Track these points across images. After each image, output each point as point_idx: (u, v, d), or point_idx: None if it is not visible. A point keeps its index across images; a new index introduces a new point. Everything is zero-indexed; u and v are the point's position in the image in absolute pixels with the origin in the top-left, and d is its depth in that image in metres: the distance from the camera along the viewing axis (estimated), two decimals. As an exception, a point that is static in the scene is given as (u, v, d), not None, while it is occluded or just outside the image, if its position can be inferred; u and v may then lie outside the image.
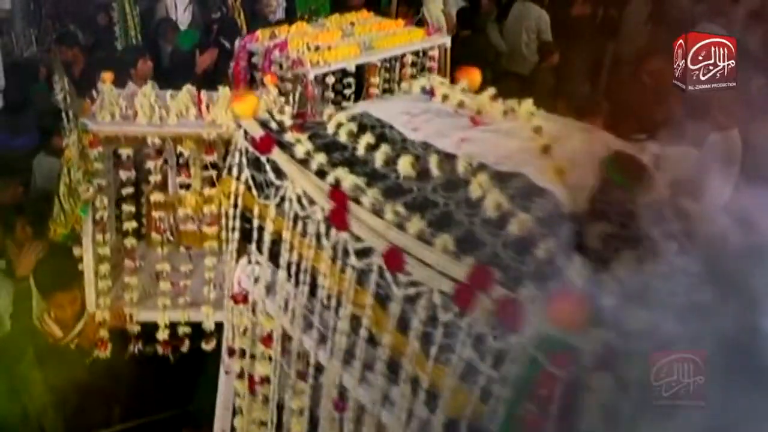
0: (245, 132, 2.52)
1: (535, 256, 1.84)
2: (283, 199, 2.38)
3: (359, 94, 5.60)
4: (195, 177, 4.21)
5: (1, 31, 7.94)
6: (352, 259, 2.10)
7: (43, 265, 4.17)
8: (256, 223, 2.55)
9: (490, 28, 7.82)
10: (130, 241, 3.97)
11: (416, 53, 5.91)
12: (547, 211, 1.99)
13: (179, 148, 4.08)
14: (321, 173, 2.27)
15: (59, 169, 4.04)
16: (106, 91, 3.92)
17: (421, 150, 2.31)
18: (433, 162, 2.20)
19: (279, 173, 2.40)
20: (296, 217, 2.33)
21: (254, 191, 2.52)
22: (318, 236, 2.24)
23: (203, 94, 3.98)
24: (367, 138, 2.36)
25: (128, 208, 3.95)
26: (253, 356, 2.81)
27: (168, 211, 4.20)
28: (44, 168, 5.81)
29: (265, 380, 2.74)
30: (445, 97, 2.59)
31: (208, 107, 3.85)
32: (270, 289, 2.61)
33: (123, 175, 3.87)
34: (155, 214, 4.08)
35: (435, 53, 5.99)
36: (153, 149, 3.82)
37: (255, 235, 2.57)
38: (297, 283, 2.38)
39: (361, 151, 2.35)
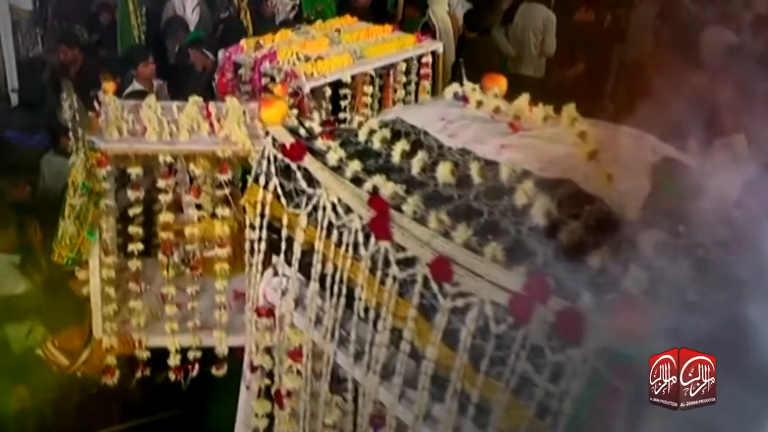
0: (273, 139, 2.47)
1: (589, 265, 1.80)
2: (315, 207, 2.33)
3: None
4: (205, 197, 4.08)
5: (15, 31, 7.88)
6: (394, 269, 2.05)
7: (50, 300, 4.03)
8: (284, 233, 2.49)
9: (495, 32, 7.80)
10: (134, 264, 3.80)
11: (408, 60, 5.74)
12: (597, 218, 1.95)
13: (191, 167, 3.88)
14: (356, 181, 2.23)
15: (64, 190, 3.79)
16: (109, 104, 3.74)
17: (460, 157, 2.27)
18: (474, 169, 2.16)
19: (311, 181, 2.35)
20: (330, 227, 2.28)
21: (283, 200, 2.46)
22: (355, 246, 2.18)
23: (212, 105, 3.83)
24: (402, 145, 2.32)
25: (135, 229, 3.76)
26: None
27: (182, 238, 4.03)
28: (53, 167, 5.76)
29: (293, 394, 2.68)
30: (479, 103, 2.55)
31: (219, 120, 3.73)
32: (299, 302, 2.55)
33: (131, 195, 3.69)
34: (163, 234, 3.89)
35: (428, 60, 5.85)
36: (165, 168, 3.64)
37: (283, 245, 2.51)
38: (330, 296, 2.32)
39: (396, 158, 2.31)
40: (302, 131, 2.49)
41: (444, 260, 1.89)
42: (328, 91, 5.20)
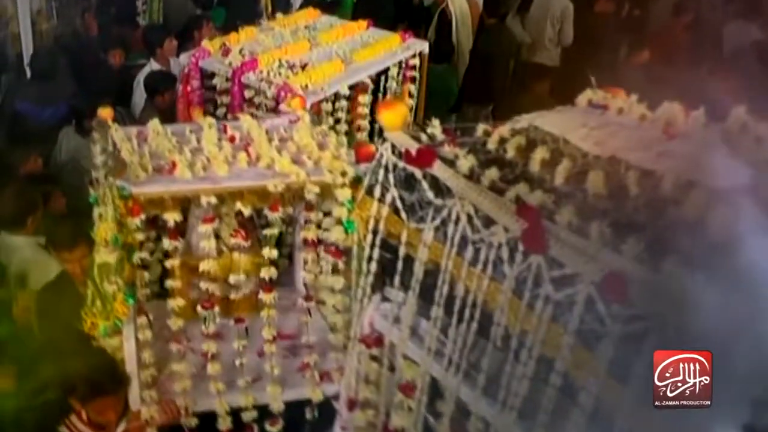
0: (393, 146, 2.32)
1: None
2: (444, 221, 2.17)
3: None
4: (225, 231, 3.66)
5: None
6: (547, 289, 1.88)
7: (79, 368, 3.42)
8: (402, 251, 2.33)
9: (510, 20, 7.81)
10: (176, 323, 3.38)
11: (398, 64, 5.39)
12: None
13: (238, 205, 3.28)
14: (494, 191, 2.07)
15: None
16: (113, 135, 3.33)
17: (609, 166, 2.11)
18: (630, 178, 2.00)
19: (438, 191, 2.19)
20: (462, 242, 2.12)
21: (403, 214, 2.31)
22: (495, 264, 2.02)
23: (230, 127, 3.51)
24: (541, 153, 2.16)
25: (176, 283, 3.34)
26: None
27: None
28: (71, 143, 5.69)
29: None
30: (620, 111, 2.40)
31: (249, 146, 3.37)
32: (414, 330, 2.38)
33: (170, 245, 3.27)
34: (204, 285, 3.38)
35: (415, 62, 5.51)
36: (209, 210, 3.20)
37: (400, 265, 2.36)
38: (459, 322, 2.16)
39: (535, 167, 2.15)
40: (424, 137, 2.35)
41: (618, 277, 1.71)
42: (329, 107, 4.78)
